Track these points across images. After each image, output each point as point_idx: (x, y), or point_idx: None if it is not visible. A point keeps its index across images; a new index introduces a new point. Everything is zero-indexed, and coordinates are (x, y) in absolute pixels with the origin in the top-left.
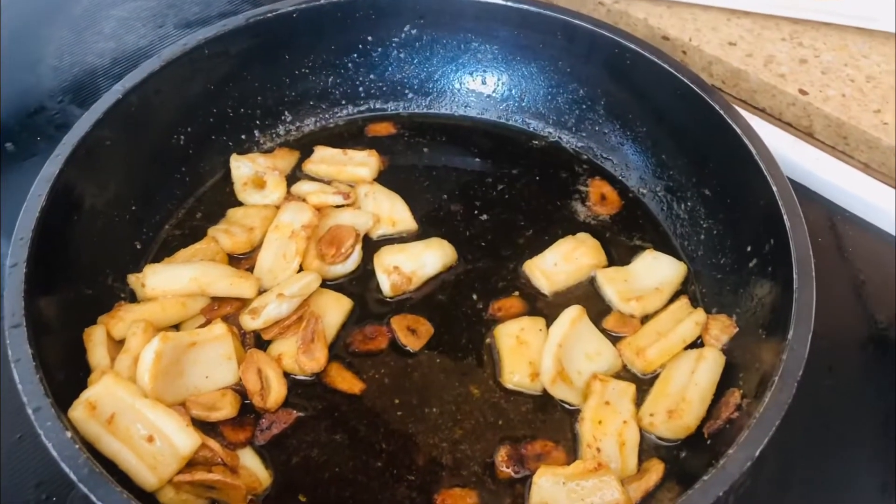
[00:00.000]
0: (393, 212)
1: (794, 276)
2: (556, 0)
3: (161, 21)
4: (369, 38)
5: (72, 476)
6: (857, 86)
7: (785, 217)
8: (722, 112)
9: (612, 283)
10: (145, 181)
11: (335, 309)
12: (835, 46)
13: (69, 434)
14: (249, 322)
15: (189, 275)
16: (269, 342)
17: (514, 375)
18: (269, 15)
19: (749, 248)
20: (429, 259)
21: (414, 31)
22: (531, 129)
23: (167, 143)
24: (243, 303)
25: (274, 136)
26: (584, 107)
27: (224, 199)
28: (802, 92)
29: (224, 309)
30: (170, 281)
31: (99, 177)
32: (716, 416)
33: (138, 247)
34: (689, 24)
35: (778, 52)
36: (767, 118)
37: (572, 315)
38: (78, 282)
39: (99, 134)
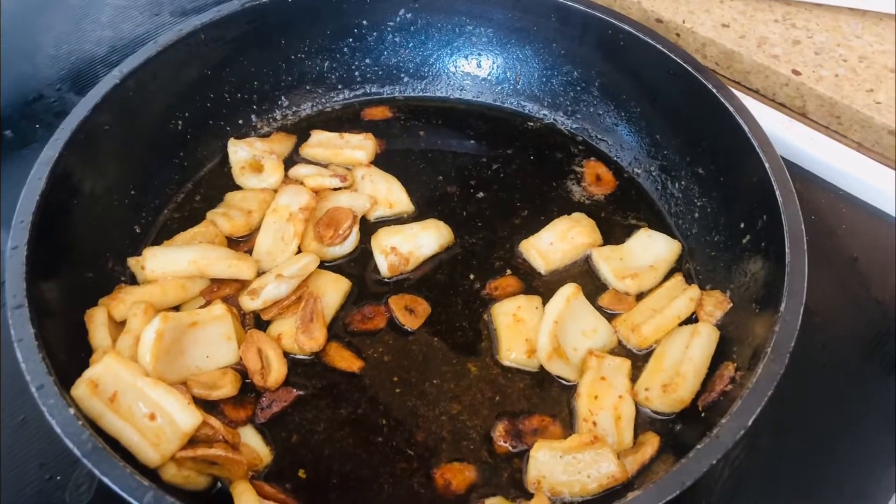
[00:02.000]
0: (390, 194)
1: (787, 250)
2: None
3: (157, 9)
4: (364, 22)
5: (76, 451)
6: (849, 66)
7: (777, 193)
8: (715, 91)
9: (608, 262)
10: (144, 166)
11: (334, 289)
12: (827, 27)
13: (72, 411)
14: (249, 303)
15: (188, 257)
16: (268, 323)
17: (512, 353)
18: (265, 0)
19: (742, 225)
20: (426, 240)
21: (409, 15)
22: (526, 112)
23: (165, 128)
24: (242, 284)
25: (271, 120)
26: (578, 88)
27: (222, 183)
28: (796, 72)
29: (224, 290)
30: (169, 263)
31: (98, 161)
32: (710, 389)
33: (138, 231)
34: (683, 6)
35: (771, 33)
36: (761, 99)
37: (568, 293)
38: (79, 265)
39: (97, 119)
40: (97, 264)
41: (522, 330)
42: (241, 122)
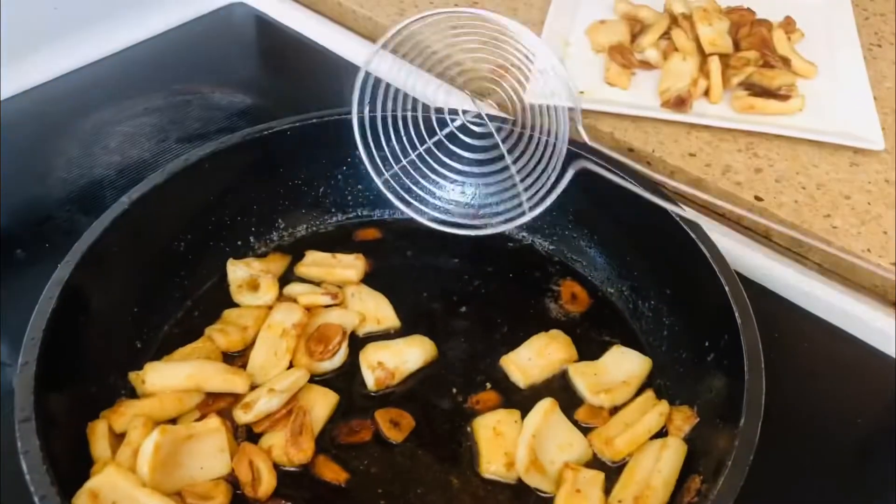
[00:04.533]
0: (378, 311)
1: (745, 368)
2: None
3: (164, 136)
4: (357, 151)
5: None
6: (808, 193)
7: (736, 314)
8: (677, 219)
9: (583, 377)
10: (147, 285)
11: (322, 403)
12: (787, 157)
13: None
14: (242, 416)
15: (186, 372)
16: (260, 435)
17: (491, 465)
18: (265, 133)
19: (707, 343)
20: (411, 356)
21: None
22: (507, 234)
23: (168, 249)
24: (236, 398)
25: (268, 241)
26: (554, 214)
27: (220, 299)
28: (758, 199)
29: (218, 404)
30: (168, 378)
31: (104, 281)
32: (679, 501)
33: (139, 346)
34: (653, 136)
35: (735, 161)
36: (726, 223)
37: (545, 407)
38: (83, 379)
39: (106, 242)
40: (100, 378)
41: (502, 443)
42: (239, 243)
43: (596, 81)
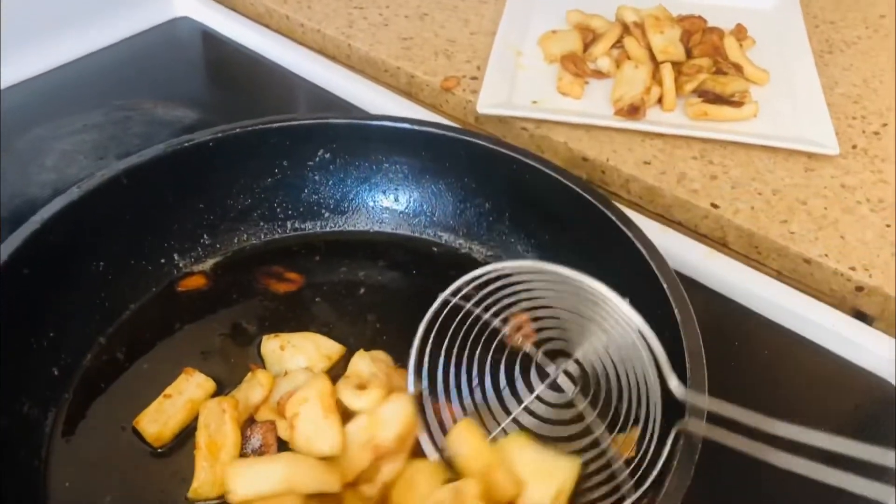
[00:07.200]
0: (320, 349)
1: (687, 365)
2: (484, 125)
3: (102, 153)
4: (284, 162)
5: None
6: (764, 199)
7: (676, 311)
8: (613, 217)
9: None
10: (63, 308)
11: None
12: (742, 163)
13: None
14: None
15: (279, 474)
16: None
17: None
18: (187, 144)
19: None
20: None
21: (327, 155)
22: (443, 241)
23: (86, 270)
24: None
25: (192, 258)
26: (490, 219)
27: (145, 325)
28: (714, 206)
29: None
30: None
31: (16, 304)
32: None
33: (56, 373)
34: (607, 145)
35: (689, 169)
36: (683, 231)
37: None
38: None
39: (17, 263)
40: (12, 409)
41: None
42: (163, 261)
43: (549, 91)
